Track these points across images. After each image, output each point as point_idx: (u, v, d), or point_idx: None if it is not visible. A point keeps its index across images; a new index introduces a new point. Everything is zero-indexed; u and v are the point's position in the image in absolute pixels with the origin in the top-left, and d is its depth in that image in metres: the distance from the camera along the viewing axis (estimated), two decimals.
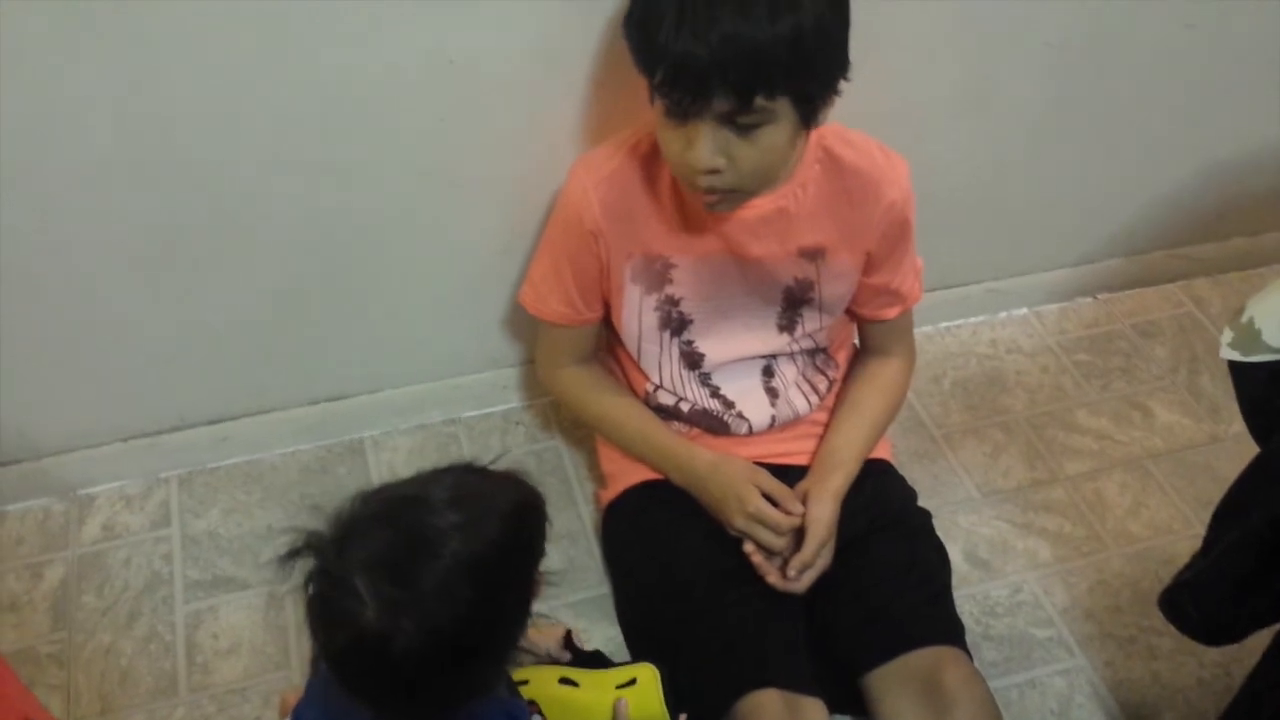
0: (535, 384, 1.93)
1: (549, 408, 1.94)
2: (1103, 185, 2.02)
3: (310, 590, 0.97)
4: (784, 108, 1.26)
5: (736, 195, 1.36)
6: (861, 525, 1.52)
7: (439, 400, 1.90)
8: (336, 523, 0.97)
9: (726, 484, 1.49)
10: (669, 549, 1.53)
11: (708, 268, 1.48)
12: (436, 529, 0.96)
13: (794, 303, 1.54)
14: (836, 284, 1.53)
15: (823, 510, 1.47)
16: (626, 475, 1.62)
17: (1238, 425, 1.84)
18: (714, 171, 1.29)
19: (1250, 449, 1.20)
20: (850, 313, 1.62)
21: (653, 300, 1.51)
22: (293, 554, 0.96)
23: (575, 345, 1.61)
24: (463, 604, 0.94)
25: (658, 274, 1.49)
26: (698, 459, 1.54)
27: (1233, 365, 1.21)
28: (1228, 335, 1.03)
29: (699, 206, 1.42)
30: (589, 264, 1.49)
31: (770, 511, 1.45)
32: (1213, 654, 1.60)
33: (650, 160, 1.44)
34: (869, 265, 1.53)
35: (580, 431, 1.88)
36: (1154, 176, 2.04)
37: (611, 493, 1.64)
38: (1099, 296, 2.18)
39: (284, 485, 1.80)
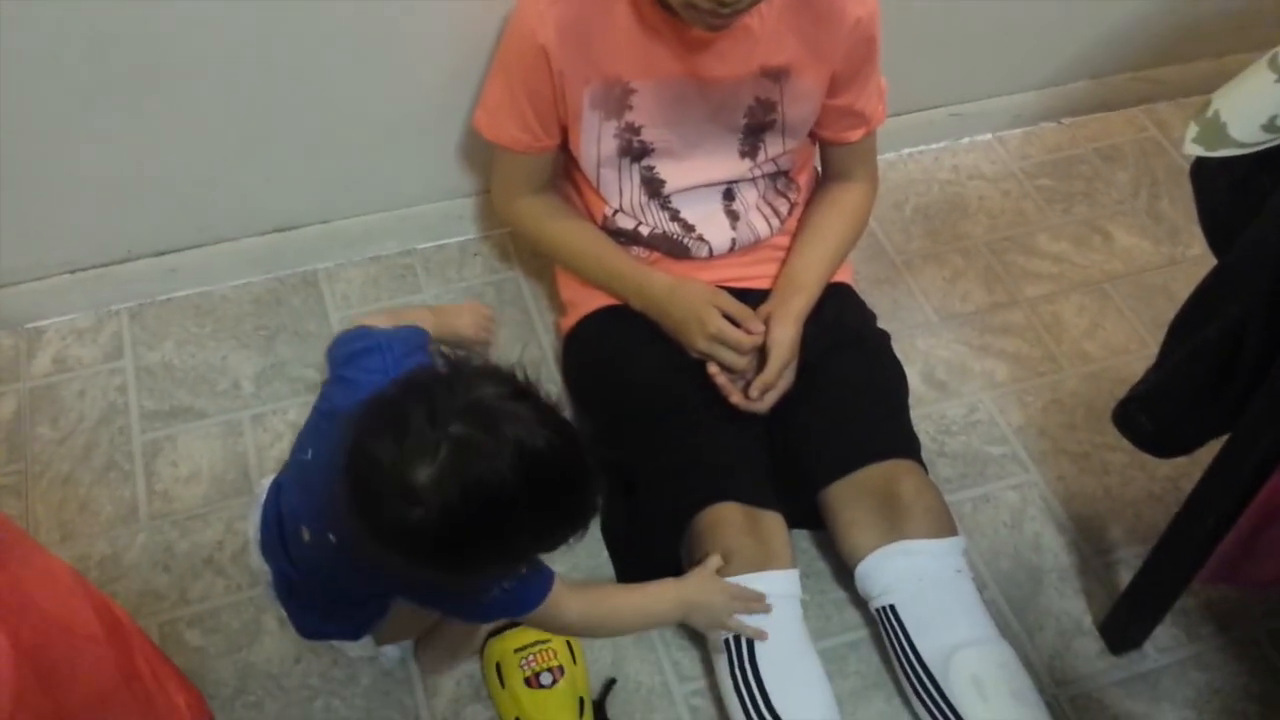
0: (492, 214, 1.89)
1: (507, 238, 1.91)
2: (1068, 5, 1.97)
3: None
4: None
5: (746, 8, 1.29)
6: (821, 346, 1.52)
7: (393, 231, 1.86)
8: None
9: (686, 306, 1.48)
10: (629, 372, 1.53)
11: (669, 92, 1.44)
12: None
13: (756, 127, 1.51)
14: (800, 105, 1.49)
15: (785, 331, 1.46)
16: (586, 302, 1.61)
17: (1196, 248, 1.86)
18: None
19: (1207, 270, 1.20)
20: (813, 135, 1.59)
21: (612, 127, 1.47)
22: None
23: (532, 173, 1.57)
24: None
25: (617, 100, 1.45)
26: (656, 282, 1.52)
27: (1194, 174, 1.20)
28: (1192, 130, 1.00)
29: (659, 28, 1.37)
30: (544, 89, 1.44)
31: (732, 331, 1.45)
32: (1164, 468, 1.63)
33: None
34: (833, 86, 1.49)
35: (539, 262, 1.86)
36: None
37: (571, 320, 1.63)
38: (1063, 121, 2.16)
39: (237, 316, 1.77)
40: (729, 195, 1.57)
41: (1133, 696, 1.44)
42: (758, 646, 1.31)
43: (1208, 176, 1.19)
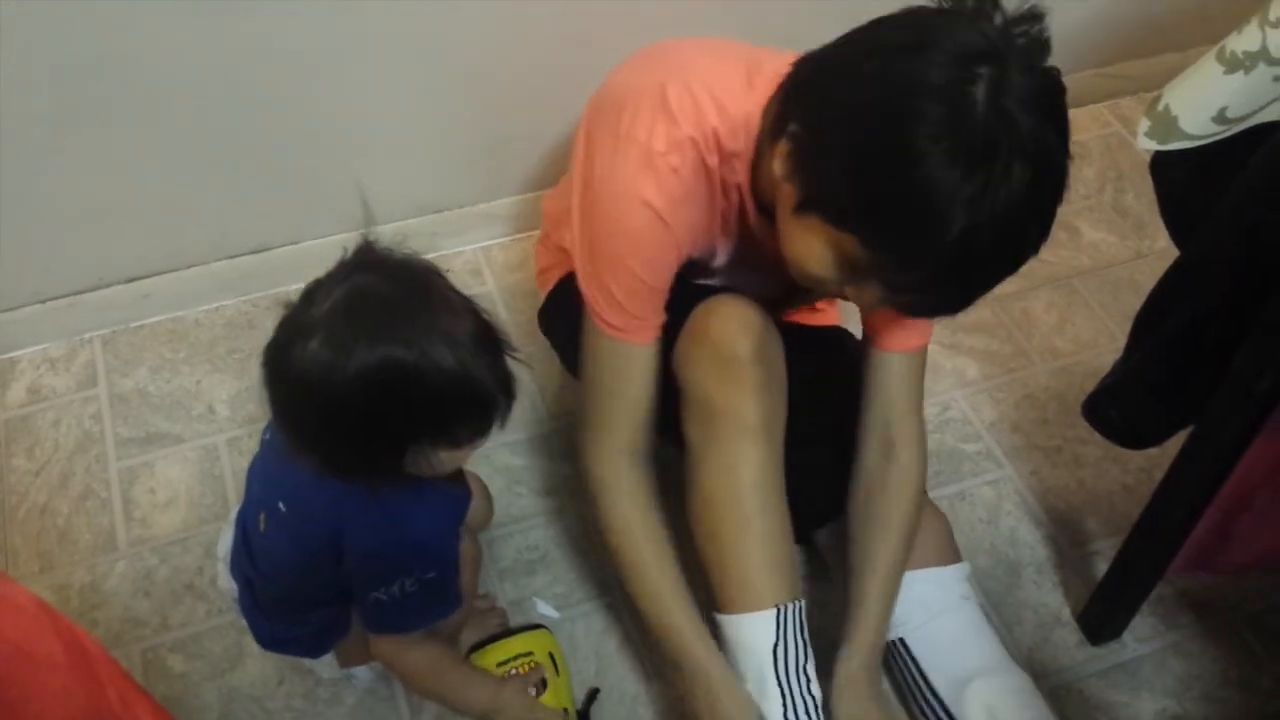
0: (464, 230, 1.90)
1: (479, 254, 1.91)
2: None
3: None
4: None
5: None
6: (810, 372, 1.39)
7: None
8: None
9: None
10: None
11: (745, 262, 1.34)
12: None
13: (807, 293, 1.39)
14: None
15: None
16: (567, 265, 1.44)
17: (1162, 241, 1.88)
18: None
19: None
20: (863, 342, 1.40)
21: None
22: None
23: (639, 385, 1.30)
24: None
25: (694, 264, 1.32)
26: (699, 657, 1.29)
27: (1154, 167, 1.22)
28: (1144, 125, 1.02)
29: (760, 232, 1.27)
30: (664, 258, 1.25)
31: None
32: (1136, 460, 1.65)
33: (716, 173, 1.22)
34: None
35: (512, 278, 1.86)
36: None
37: (552, 279, 1.50)
38: None
39: (210, 341, 1.77)
40: None
41: (1113, 686, 1.45)
42: None
43: (1167, 169, 1.21)
